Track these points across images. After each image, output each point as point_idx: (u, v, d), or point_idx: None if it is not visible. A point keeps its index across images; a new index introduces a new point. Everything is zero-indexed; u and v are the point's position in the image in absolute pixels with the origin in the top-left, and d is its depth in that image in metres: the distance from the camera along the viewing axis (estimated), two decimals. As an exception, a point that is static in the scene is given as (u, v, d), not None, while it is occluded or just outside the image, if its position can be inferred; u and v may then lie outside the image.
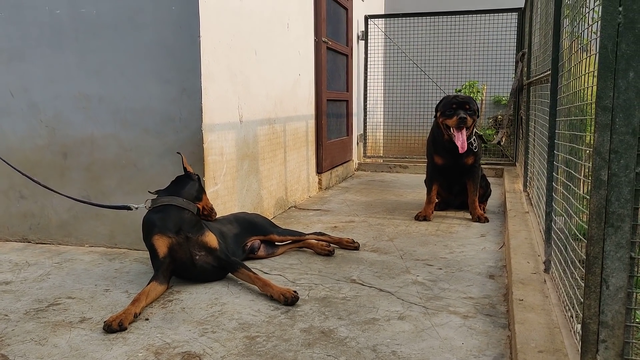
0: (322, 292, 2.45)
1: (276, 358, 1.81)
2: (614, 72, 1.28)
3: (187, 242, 2.48)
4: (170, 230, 2.47)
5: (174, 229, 2.47)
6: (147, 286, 2.32)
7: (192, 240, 2.50)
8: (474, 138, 3.95)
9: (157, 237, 2.46)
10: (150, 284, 2.34)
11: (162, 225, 2.47)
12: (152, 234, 2.48)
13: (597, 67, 1.30)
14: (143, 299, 2.24)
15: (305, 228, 3.62)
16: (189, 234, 2.50)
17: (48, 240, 3.34)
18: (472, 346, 1.90)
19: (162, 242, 2.45)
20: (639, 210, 1.33)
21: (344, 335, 1.99)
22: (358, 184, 5.75)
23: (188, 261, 2.51)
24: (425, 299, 2.36)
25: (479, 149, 4.03)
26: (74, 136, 3.22)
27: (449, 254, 3.06)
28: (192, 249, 2.49)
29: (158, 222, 2.48)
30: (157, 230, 2.47)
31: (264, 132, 3.89)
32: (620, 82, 1.28)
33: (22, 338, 1.99)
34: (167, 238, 2.46)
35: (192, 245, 2.50)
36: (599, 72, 1.29)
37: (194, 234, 2.51)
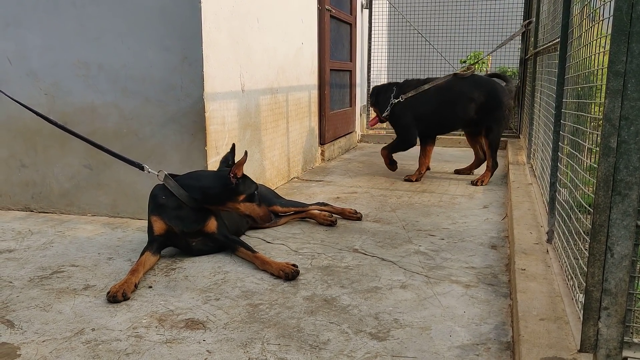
0: (324, 261, 2.46)
1: (279, 325, 1.83)
2: (628, 35, 1.25)
3: (183, 234, 2.45)
4: (169, 218, 2.43)
5: (173, 218, 2.42)
6: (142, 257, 2.32)
7: (190, 233, 2.46)
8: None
9: (155, 218, 2.44)
10: (145, 254, 2.34)
11: (162, 209, 2.43)
12: (151, 212, 2.46)
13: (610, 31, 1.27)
14: (141, 269, 2.24)
15: (307, 199, 3.62)
16: (186, 228, 2.44)
17: (50, 210, 3.34)
18: (474, 314, 1.91)
19: (158, 224, 2.43)
20: (646, 178, 1.32)
21: (347, 303, 2.01)
22: (361, 155, 5.73)
23: (184, 246, 2.51)
24: (428, 268, 2.37)
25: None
26: (74, 104, 3.19)
27: (452, 224, 3.07)
28: (188, 238, 2.47)
29: (160, 204, 2.44)
30: (157, 212, 2.44)
31: (266, 101, 3.85)
32: (634, 46, 1.25)
33: (26, 304, 2.01)
34: (163, 223, 2.43)
35: (189, 235, 2.47)
36: (613, 36, 1.26)
37: (194, 226, 2.45)
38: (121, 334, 1.77)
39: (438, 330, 1.79)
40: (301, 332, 1.78)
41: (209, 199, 2.43)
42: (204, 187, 2.44)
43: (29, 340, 1.73)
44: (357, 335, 1.76)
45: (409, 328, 1.81)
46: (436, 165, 5.05)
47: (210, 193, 2.43)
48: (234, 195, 2.44)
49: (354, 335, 1.76)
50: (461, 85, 4.24)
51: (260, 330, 1.79)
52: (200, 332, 1.78)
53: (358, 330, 1.79)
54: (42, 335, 1.76)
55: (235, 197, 2.45)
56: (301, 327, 1.82)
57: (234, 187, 2.44)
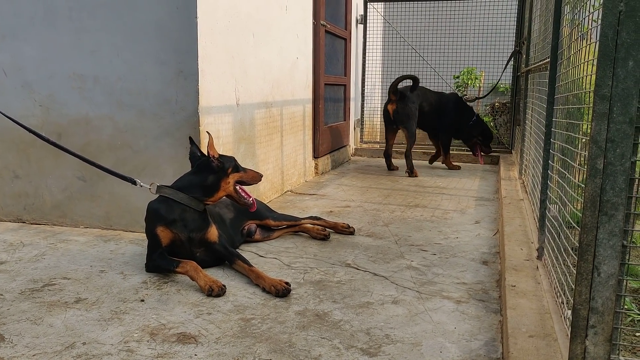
0: (317, 275, 2.48)
1: (271, 340, 1.84)
2: (614, 60, 1.28)
3: (189, 241, 2.49)
4: (176, 227, 2.47)
5: (179, 226, 2.47)
6: (182, 262, 2.38)
7: (195, 240, 2.50)
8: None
9: (162, 229, 2.46)
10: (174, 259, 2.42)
11: (168, 218, 2.47)
12: (156, 224, 2.48)
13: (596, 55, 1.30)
14: (197, 265, 2.39)
15: (301, 212, 3.64)
16: (192, 234, 2.49)
17: (43, 221, 3.34)
18: (465, 330, 1.93)
19: (165, 234, 2.46)
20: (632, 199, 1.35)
21: (338, 318, 2.02)
22: (354, 169, 5.77)
23: (187, 255, 2.53)
24: (419, 283, 2.39)
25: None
26: (69, 116, 3.21)
27: (444, 239, 3.09)
28: (193, 247, 2.51)
29: (165, 214, 2.47)
30: (163, 222, 2.47)
31: (260, 115, 3.88)
32: (619, 71, 1.28)
33: (17, 317, 2.00)
34: (171, 233, 2.47)
35: (193, 244, 2.51)
36: (599, 61, 1.30)
37: (197, 233, 2.50)
38: (112, 348, 1.77)
39: (429, 346, 1.81)
40: (293, 347, 1.79)
41: (208, 190, 2.55)
42: (198, 182, 2.55)
43: (19, 354, 1.73)
44: (349, 351, 1.77)
45: (400, 344, 1.82)
46: (428, 180, 5.09)
47: (206, 184, 2.55)
48: (224, 173, 2.59)
49: (345, 351, 1.77)
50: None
51: (252, 345, 1.80)
52: (192, 346, 1.79)
53: (349, 346, 1.80)
54: (33, 349, 1.76)
55: (225, 173, 2.59)
56: (293, 342, 1.83)
57: (220, 166, 2.59)
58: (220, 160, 2.60)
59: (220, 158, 2.61)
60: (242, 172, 2.66)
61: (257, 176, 2.73)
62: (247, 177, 2.68)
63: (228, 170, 2.59)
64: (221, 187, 2.57)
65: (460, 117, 5.70)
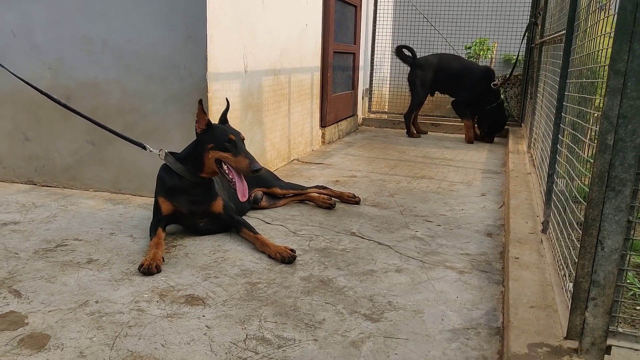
0: (322, 243, 2.52)
1: (276, 304, 1.89)
2: (631, 34, 1.27)
3: (191, 214, 2.51)
4: (176, 199, 2.48)
5: (180, 199, 2.48)
6: (158, 232, 2.38)
7: (197, 212, 2.51)
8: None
9: (162, 199, 2.49)
10: (158, 230, 2.40)
11: (168, 191, 2.48)
12: (158, 194, 2.51)
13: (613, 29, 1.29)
14: (162, 243, 2.32)
15: (307, 181, 3.67)
16: (193, 207, 2.49)
17: (53, 184, 3.39)
18: (466, 300, 1.97)
19: (166, 205, 2.49)
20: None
21: (342, 284, 2.07)
22: (361, 139, 5.76)
23: (191, 226, 2.57)
24: (423, 253, 2.42)
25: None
26: (77, 79, 3.21)
27: (449, 211, 3.12)
28: (195, 218, 2.53)
29: (166, 185, 2.48)
30: (164, 193, 2.49)
31: (268, 82, 3.87)
32: (636, 46, 1.27)
33: (32, 275, 2.06)
34: (170, 205, 2.48)
35: (196, 215, 2.52)
36: (616, 34, 1.29)
37: (200, 205, 2.50)
38: (124, 307, 1.83)
39: (430, 314, 1.85)
40: (297, 311, 1.84)
41: (196, 163, 2.44)
42: (191, 153, 2.47)
43: (35, 309, 1.79)
44: (352, 316, 1.82)
45: (402, 311, 1.87)
46: (436, 152, 5.09)
47: (195, 156, 2.44)
48: (203, 147, 2.41)
49: (348, 316, 1.82)
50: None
51: (258, 308, 1.85)
52: (199, 308, 1.84)
53: (353, 311, 1.85)
54: (48, 305, 1.82)
55: (204, 148, 2.40)
56: (298, 306, 1.88)
57: (201, 139, 2.43)
58: (204, 133, 2.42)
59: (206, 130, 2.43)
60: (228, 152, 2.37)
61: (243, 166, 2.34)
62: (231, 161, 2.37)
63: (208, 145, 2.40)
64: (204, 162, 2.42)
65: (480, 95, 5.59)
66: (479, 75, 5.63)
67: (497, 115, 5.63)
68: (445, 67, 5.80)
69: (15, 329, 1.66)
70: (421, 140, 5.82)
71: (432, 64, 5.84)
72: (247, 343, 1.63)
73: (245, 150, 2.41)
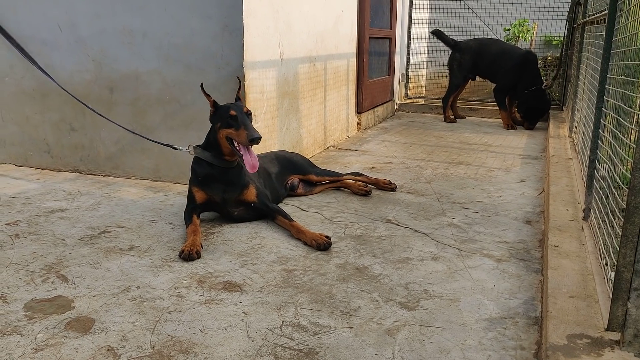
0: (357, 230, 2.51)
1: (312, 291, 1.90)
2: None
3: (224, 202, 2.54)
4: (209, 188, 2.51)
5: (213, 187, 2.51)
6: (194, 219, 2.42)
7: (230, 201, 2.54)
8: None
9: (196, 189, 2.53)
10: (193, 217, 2.44)
11: (201, 180, 2.52)
12: (192, 183, 2.56)
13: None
14: (199, 230, 2.37)
15: (343, 168, 3.66)
16: (225, 195, 2.52)
17: (97, 172, 3.49)
18: (504, 289, 1.93)
19: (199, 195, 2.53)
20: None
21: (378, 272, 2.06)
22: (398, 125, 5.70)
23: (225, 215, 2.60)
24: (460, 241, 2.39)
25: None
26: (120, 71, 3.29)
27: (487, 198, 3.05)
28: (229, 207, 2.56)
29: (199, 175, 2.53)
30: (197, 183, 2.53)
31: (304, 70, 3.86)
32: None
33: (78, 261, 2.14)
34: (204, 193, 2.52)
35: (229, 204, 2.55)
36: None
37: (232, 194, 2.53)
38: (164, 292, 1.88)
39: (467, 303, 1.83)
40: (333, 299, 1.84)
41: (215, 146, 2.48)
42: (207, 139, 2.53)
43: (81, 294, 1.86)
44: (387, 304, 1.81)
45: (438, 299, 1.85)
46: (474, 137, 4.99)
47: (211, 140, 2.49)
48: (215, 128, 2.47)
49: (384, 304, 1.81)
50: None
51: (294, 295, 1.86)
52: (237, 294, 1.87)
53: (388, 299, 1.84)
54: (93, 290, 1.89)
55: (215, 128, 2.46)
56: (333, 293, 1.88)
57: (212, 121, 2.48)
58: (214, 115, 2.47)
59: (218, 111, 2.45)
60: (231, 128, 2.39)
61: (243, 138, 2.35)
62: (234, 135, 2.39)
63: (217, 125, 2.44)
64: (220, 143, 2.45)
65: (519, 79, 5.41)
66: (518, 59, 5.45)
67: (536, 101, 5.38)
68: (484, 51, 5.67)
69: (62, 312, 1.73)
70: (459, 125, 5.71)
71: (472, 47, 5.73)
72: (283, 329, 1.65)
73: (246, 122, 2.39)
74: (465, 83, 5.89)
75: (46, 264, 2.10)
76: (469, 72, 5.78)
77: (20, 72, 3.51)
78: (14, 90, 3.57)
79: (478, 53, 5.69)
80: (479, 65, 5.72)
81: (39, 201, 2.91)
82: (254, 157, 2.41)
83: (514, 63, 5.43)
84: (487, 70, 5.71)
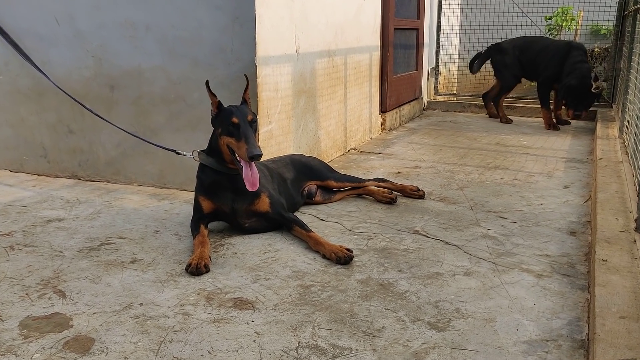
0: (381, 242, 2.51)
1: (331, 309, 1.90)
2: None
3: (233, 212, 2.55)
4: (217, 197, 2.53)
5: (220, 196, 2.53)
6: (201, 229, 2.45)
7: (240, 211, 2.55)
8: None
9: (202, 198, 2.56)
10: (201, 227, 2.47)
11: (208, 188, 2.54)
12: (198, 192, 2.59)
13: None
14: (207, 242, 2.39)
15: (365, 173, 3.66)
16: (235, 205, 2.53)
17: (97, 178, 3.55)
18: (545, 307, 1.92)
19: (206, 204, 2.55)
20: None
21: (404, 288, 2.06)
22: (427, 125, 5.69)
23: (235, 226, 2.62)
24: (496, 254, 2.37)
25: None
26: (121, 67, 3.34)
27: (526, 206, 3.03)
28: (240, 218, 2.57)
29: (203, 182, 2.55)
30: (203, 192, 2.56)
31: (322, 65, 3.88)
32: None
33: (76, 275, 2.18)
34: (210, 203, 2.55)
35: (239, 215, 2.56)
36: None
37: (242, 204, 2.54)
38: (169, 310, 1.90)
39: (503, 323, 1.81)
40: (354, 318, 1.85)
41: (217, 152, 2.49)
42: (210, 144, 2.55)
43: (80, 311, 1.89)
44: (415, 324, 1.81)
45: (471, 319, 1.84)
46: (512, 138, 4.96)
47: (213, 145, 2.51)
48: (216, 133, 2.47)
49: (411, 324, 1.81)
50: None
51: (311, 314, 1.87)
52: (249, 312, 1.89)
53: (416, 319, 1.84)
54: (93, 307, 1.92)
55: (216, 134, 2.47)
56: (354, 312, 1.88)
57: (214, 125, 2.48)
58: (216, 118, 2.47)
59: (221, 114, 2.43)
60: (232, 137, 2.37)
61: (242, 153, 2.33)
62: (234, 146, 2.37)
63: (218, 131, 2.45)
64: (222, 150, 2.45)
65: (562, 70, 5.36)
66: (561, 48, 5.41)
67: (577, 79, 5.17)
68: (528, 49, 5.72)
69: (60, 331, 1.77)
70: (495, 125, 5.68)
71: (515, 45, 5.79)
72: (300, 352, 1.65)
73: (248, 133, 2.36)
74: (517, 82, 5.88)
75: (43, 278, 2.14)
76: (517, 71, 5.81)
77: (16, 70, 3.59)
78: (9, 89, 3.65)
79: (521, 51, 5.73)
80: (523, 64, 5.75)
81: (35, 210, 2.97)
82: (254, 174, 2.39)
83: (555, 52, 5.41)
84: (530, 66, 5.70)
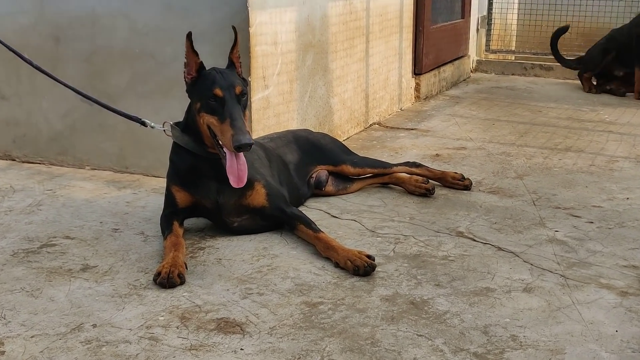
0: (413, 247, 2.51)
1: (346, 334, 1.91)
2: None
3: (218, 209, 2.56)
4: (195, 188, 2.54)
5: (200, 186, 2.53)
6: (174, 227, 2.46)
7: (227, 206, 2.55)
8: None
9: (176, 188, 2.57)
10: (174, 224, 2.48)
11: (184, 176, 2.55)
12: (170, 180, 2.60)
13: None
14: (182, 242, 2.40)
15: (393, 156, 3.66)
16: (220, 199, 2.53)
17: (38, 159, 3.57)
18: (630, 335, 1.91)
19: (181, 196, 2.56)
20: None
21: (443, 309, 2.06)
22: (475, 92, 5.66)
23: (221, 225, 2.63)
24: (566, 265, 2.37)
25: None
26: (69, 12, 3.34)
27: (606, 200, 3.02)
28: (227, 215, 2.58)
29: (179, 168, 2.55)
30: (177, 180, 2.56)
31: (336, 10, 3.87)
32: None
33: (10, 286, 2.20)
34: (187, 195, 2.55)
35: (227, 211, 2.57)
36: None
37: (230, 197, 2.52)
38: (131, 333, 1.91)
39: (575, 355, 1.81)
40: (376, 346, 1.85)
41: (195, 130, 2.46)
42: (185, 118, 2.54)
43: (14, 333, 1.90)
44: (457, 355, 1.81)
45: (532, 349, 1.84)
46: (588, 112, 4.93)
47: (189, 121, 2.49)
48: (192, 107, 2.46)
49: (451, 355, 1.81)
50: None
51: (319, 340, 1.88)
52: (237, 337, 1.89)
53: (458, 349, 1.84)
54: (31, 328, 1.93)
55: (193, 109, 2.45)
56: (377, 338, 1.89)
57: (190, 95, 2.48)
58: (193, 85, 2.45)
59: (200, 81, 2.41)
60: (214, 116, 2.34)
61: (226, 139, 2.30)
62: (216, 128, 2.34)
63: (196, 105, 2.42)
64: (201, 130, 2.44)
65: None
66: None
67: None
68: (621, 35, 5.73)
69: (-12, 358, 1.79)
70: (566, 93, 5.64)
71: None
72: (303, 389, 1.66)
73: (236, 112, 2.32)
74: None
75: (-35, 290, 2.16)
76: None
77: None
78: None
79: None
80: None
81: (-45, 200, 3.00)
82: (241, 165, 2.36)
83: None
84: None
